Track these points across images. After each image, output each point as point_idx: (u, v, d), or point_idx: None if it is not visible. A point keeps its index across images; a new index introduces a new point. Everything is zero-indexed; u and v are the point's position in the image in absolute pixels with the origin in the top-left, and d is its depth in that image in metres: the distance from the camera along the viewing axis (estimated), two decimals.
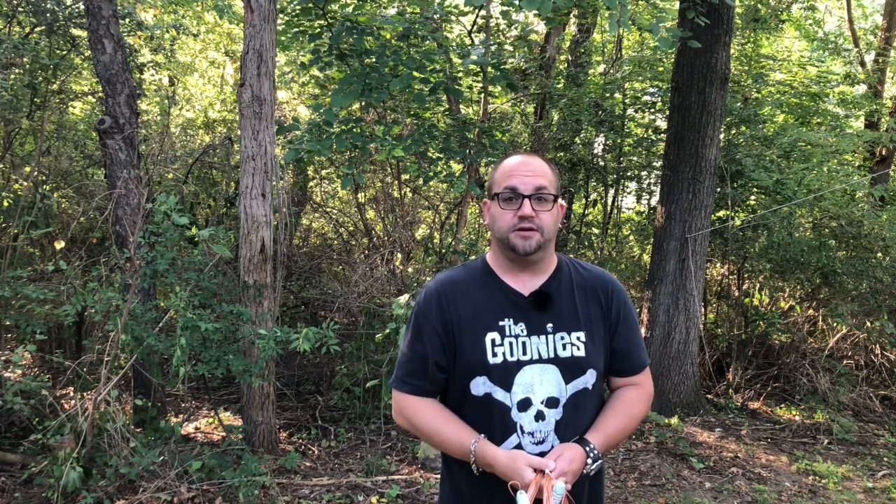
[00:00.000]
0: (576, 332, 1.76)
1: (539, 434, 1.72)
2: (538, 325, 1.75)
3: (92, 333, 4.95)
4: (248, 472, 3.89)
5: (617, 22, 4.17)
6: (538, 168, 1.77)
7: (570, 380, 1.74)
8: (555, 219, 1.77)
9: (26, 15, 6.23)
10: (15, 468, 3.99)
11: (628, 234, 8.97)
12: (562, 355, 1.73)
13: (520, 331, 1.74)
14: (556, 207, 1.78)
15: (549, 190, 1.75)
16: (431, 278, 1.96)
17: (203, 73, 9.94)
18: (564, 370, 1.73)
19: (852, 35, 11.15)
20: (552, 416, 1.72)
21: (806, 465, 5.18)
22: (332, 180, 7.79)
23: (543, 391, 1.72)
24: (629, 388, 1.86)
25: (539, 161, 1.81)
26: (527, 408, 1.72)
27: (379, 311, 5.62)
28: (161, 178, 6.70)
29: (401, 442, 5.08)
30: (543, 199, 1.74)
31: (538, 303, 1.76)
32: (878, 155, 9.79)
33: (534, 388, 1.72)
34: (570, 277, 1.83)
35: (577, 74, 8.58)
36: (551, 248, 1.83)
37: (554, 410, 1.72)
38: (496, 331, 1.74)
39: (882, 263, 7.00)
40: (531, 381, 1.72)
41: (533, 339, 1.74)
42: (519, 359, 1.72)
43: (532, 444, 1.71)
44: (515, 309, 1.76)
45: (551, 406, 1.72)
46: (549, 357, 1.73)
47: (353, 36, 5.21)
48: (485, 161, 6.09)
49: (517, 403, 1.72)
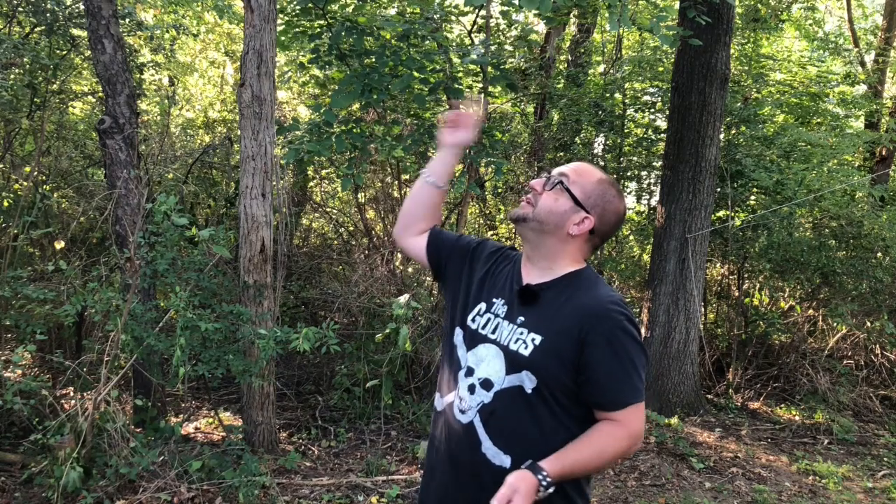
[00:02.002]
0: (534, 333, 1.76)
1: (464, 403, 1.81)
2: (514, 315, 1.82)
3: (92, 333, 4.94)
4: (248, 472, 3.89)
5: (617, 21, 4.17)
6: (583, 168, 1.87)
7: (509, 372, 1.78)
8: (554, 205, 1.80)
9: (26, 15, 6.23)
10: (15, 468, 3.98)
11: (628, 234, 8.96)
12: (510, 347, 1.78)
13: (500, 312, 1.84)
14: (565, 198, 1.80)
15: (569, 180, 1.82)
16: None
17: (203, 73, 9.94)
18: (507, 361, 1.78)
19: (852, 35, 11.15)
20: (481, 395, 1.79)
21: (806, 465, 5.18)
22: (332, 180, 7.78)
23: (485, 370, 1.80)
24: (605, 422, 1.73)
25: (589, 167, 1.89)
26: (469, 375, 1.83)
27: (379, 311, 5.62)
28: (161, 178, 6.69)
29: (401, 442, 5.08)
30: (553, 183, 1.82)
31: (522, 296, 1.83)
32: (878, 155, 9.79)
33: (480, 364, 1.82)
34: (573, 287, 1.80)
35: (577, 74, 8.58)
36: (553, 244, 1.82)
37: (485, 392, 1.79)
38: (485, 302, 1.89)
39: (882, 263, 7.00)
40: (483, 357, 1.82)
41: (504, 323, 1.82)
42: (486, 335, 1.83)
43: (457, 410, 1.82)
44: (509, 293, 1.86)
45: (485, 387, 1.79)
46: (502, 344, 1.80)
47: (353, 36, 5.21)
48: (485, 161, 6.09)
49: (466, 367, 1.85)
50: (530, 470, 1.64)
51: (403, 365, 5.51)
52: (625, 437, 1.72)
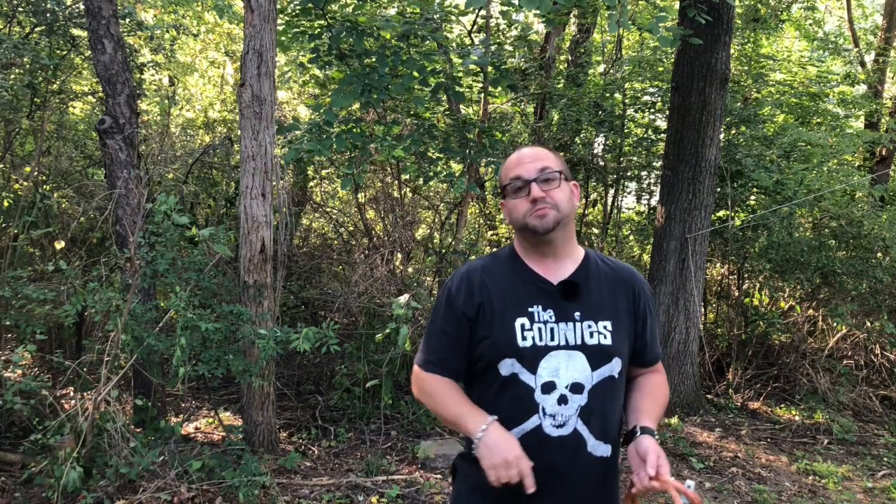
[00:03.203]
0: (603, 321, 1.80)
1: (560, 417, 1.76)
2: (566, 313, 1.79)
3: (92, 333, 4.95)
4: (248, 472, 3.89)
5: (617, 22, 4.18)
6: (538, 153, 1.84)
7: (596, 367, 1.78)
8: (567, 196, 1.81)
9: (26, 15, 6.23)
10: (15, 468, 3.98)
11: (628, 234, 8.97)
12: (589, 342, 1.78)
13: (548, 317, 1.78)
14: (567, 186, 1.82)
15: (553, 168, 1.80)
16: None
17: (203, 73, 9.95)
18: (591, 357, 1.77)
19: (852, 35, 11.16)
20: (576, 401, 1.77)
21: (806, 465, 5.18)
22: (332, 180, 7.78)
23: (568, 376, 1.76)
24: (653, 374, 1.97)
25: (538, 148, 1.87)
26: (550, 391, 1.76)
27: (379, 311, 5.62)
28: (161, 178, 6.69)
29: (401, 442, 5.08)
30: (549, 179, 1.78)
31: (566, 291, 1.81)
32: (878, 155, 9.79)
33: (559, 373, 1.76)
34: (598, 269, 1.89)
35: (577, 74, 8.57)
36: (571, 230, 1.87)
37: (578, 396, 1.77)
38: (525, 316, 1.78)
39: (882, 263, 7.00)
40: (557, 366, 1.76)
41: (561, 325, 1.78)
42: (547, 344, 1.76)
43: (552, 427, 1.76)
44: (545, 296, 1.80)
45: (576, 391, 1.76)
46: (576, 344, 1.77)
47: (352, 36, 5.21)
48: (485, 161, 6.09)
49: (541, 386, 1.76)
50: (648, 433, 1.80)
51: (403, 365, 5.51)
52: (666, 383, 2.00)
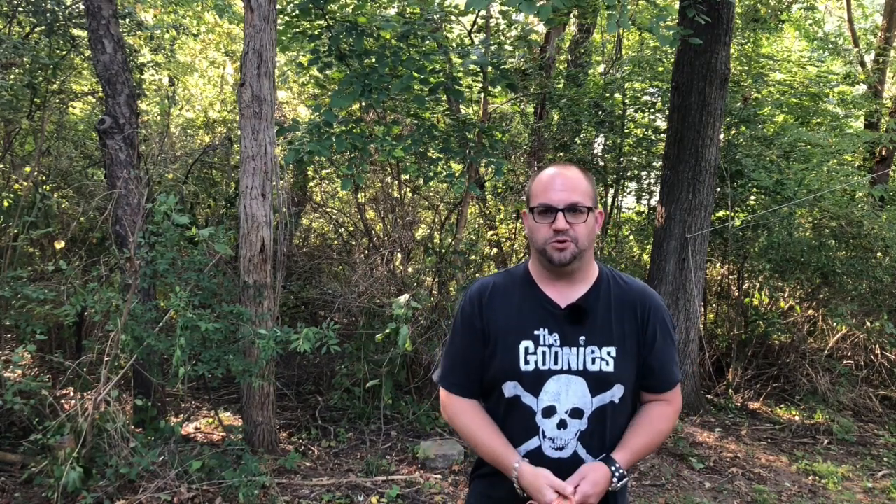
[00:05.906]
0: (607, 346, 1.79)
1: (559, 441, 1.78)
2: (571, 337, 1.79)
3: (92, 333, 4.95)
4: (248, 472, 3.89)
5: (616, 22, 4.17)
6: (572, 181, 1.80)
7: (596, 393, 1.78)
8: (589, 230, 1.80)
9: (26, 15, 6.23)
10: (15, 468, 3.99)
11: (628, 234, 8.96)
12: (590, 369, 1.78)
13: (553, 341, 1.79)
14: (592, 218, 1.80)
15: (584, 203, 1.78)
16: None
17: (203, 73, 9.95)
18: (591, 383, 1.78)
19: (852, 35, 11.15)
20: (575, 425, 1.78)
21: (806, 465, 5.18)
22: (332, 180, 7.78)
23: (569, 401, 1.78)
24: (658, 404, 1.89)
25: (574, 172, 1.83)
26: (551, 415, 1.78)
27: (379, 311, 5.62)
28: (161, 178, 6.69)
29: (401, 442, 5.09)
30: (578, 212, 1.77)
31: (573, 316, 1.80)
32: (878, 155, 9.79)
33: (560, 398, 1.78)
34: (609, 291, 1.86)
35: (577, 74, 8.57)
36: (589, 257, 1.86)
37: (578, 421, 1.78)
38: (530, 339, 1.79)
39: (882, 263, 7.00)
40: (558, 391, 1.78)
41: (565, 350, 1.78)
42: (550, 368, 1.78)
43: (552, 449, 1.78)
44: (551, 319, 1.81)
45: (575, 416, 1.78)
46: (577, 369, 1.78)
47: (352, 36, 5.21)
48: (485, 161, 6.09)
49: (542, 409, 1.78)
50: (604, 462, 1.74)
51: (403, 365, 5.52)
52: (673, 414, 1.89)
